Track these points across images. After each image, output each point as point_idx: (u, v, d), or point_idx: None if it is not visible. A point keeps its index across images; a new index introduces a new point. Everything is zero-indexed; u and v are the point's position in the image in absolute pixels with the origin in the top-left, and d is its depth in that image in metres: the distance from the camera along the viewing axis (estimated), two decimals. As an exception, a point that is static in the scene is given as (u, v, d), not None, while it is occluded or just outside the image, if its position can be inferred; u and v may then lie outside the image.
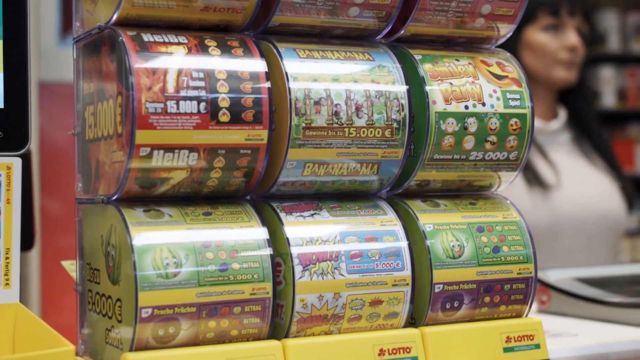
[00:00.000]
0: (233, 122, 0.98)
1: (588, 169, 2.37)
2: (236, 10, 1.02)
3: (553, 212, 2.24)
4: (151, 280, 0.94)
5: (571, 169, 2.34)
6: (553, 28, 2.32)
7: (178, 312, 0.95)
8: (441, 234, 1.10)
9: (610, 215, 2.31)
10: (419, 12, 1.11)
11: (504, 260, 1.12)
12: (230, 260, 0.98)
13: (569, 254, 2.23)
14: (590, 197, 2.29)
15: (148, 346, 0.95)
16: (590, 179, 2.34)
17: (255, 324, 0.99)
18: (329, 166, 1.05)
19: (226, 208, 1.02)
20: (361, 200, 1.10)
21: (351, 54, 1.08)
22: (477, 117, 1.11)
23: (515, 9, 1.15)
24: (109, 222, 1.00)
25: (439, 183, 1.14)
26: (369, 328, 1.06)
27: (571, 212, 2.26)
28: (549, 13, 2.32)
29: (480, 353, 1.09)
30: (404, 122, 1.07)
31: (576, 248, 2.24)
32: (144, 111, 0.94)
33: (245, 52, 1.01)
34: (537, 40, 2.33)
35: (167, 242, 0.96)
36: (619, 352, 1.27)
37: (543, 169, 2.28)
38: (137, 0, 0.98)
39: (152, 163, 0.96)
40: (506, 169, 1.16)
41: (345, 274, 1.03)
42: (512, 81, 1.14)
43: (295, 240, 1.02)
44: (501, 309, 1.13)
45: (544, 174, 2.28)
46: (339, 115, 1.04)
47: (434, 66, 1.11)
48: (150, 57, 0.96)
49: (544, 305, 1.62)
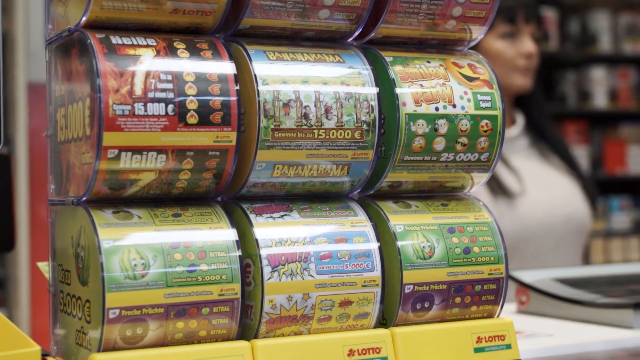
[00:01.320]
0: (201, 124, 0.98)
1: (549, 172, 2.37)
2: (206, 12, 1.03)
3: (519, 219, 2.24)
4: (118, 281, 0.94)
5: (533, 174, 2.34)
6: (509, 35, 2.33)
7: (146, 313, 0.95)
8: (412, 234, 1.10)
9: (576, 216, 2.32)
10: (390, 14, 1.11)
11: (475, 261, 1.13)
12: (198, 262, 0.98)
13: (537, 258, 2.23)
14: (555, 201, 2.29)
15: (116, 347, 0.95)
16: (552, 182, 2.34)
17: (224, 324, 1.00)
18: (298, 168, 1.06)
19: (196, 209, 1.03)
20: (332, 202, 1.11)
21: (321, 56, 1.08)
22: (448, 118, 1.12)
23: (487, 11, 1.16)
24: (78, 224, 1.00)
25: (410, 184, 1.15)
26: (339, 328, 1.06)
27: (537, 217, 2.26)
28: (505, 21, 2.32)
29: (451, 353, 1.10)
30: (373, 123, 1.08)
31: (544, 252, 2.25)
32: (111, 113, 0.94)
33: (214, 55, 1.01)
34: (494, 48, 2.33)
35: (135, 243, 0.97)
36: (592, 352, 1.28)
37: (506, 177, 2.29)
38: (106, 3, 0.99)
39: (120, 165, 0.96)
40: (478, 170, 1.16)
41: (315, 275, 1.04)
42: (483, 83, 1.15)
43: (265, 241, 1.03)
44: (472, 310, 1.14)
45: (508, 182, 2.28)
46: (308, 117, 1.04)
47: (405, 68, 1.12)
48: (118, 59, 0.96)
49: (523, 305, 1.63)
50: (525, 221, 2.24)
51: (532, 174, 2.33)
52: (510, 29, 2.32)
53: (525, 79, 2.35)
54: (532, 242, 2.23)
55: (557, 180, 2.35)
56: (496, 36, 2.33)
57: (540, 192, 2.29)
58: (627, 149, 5.19)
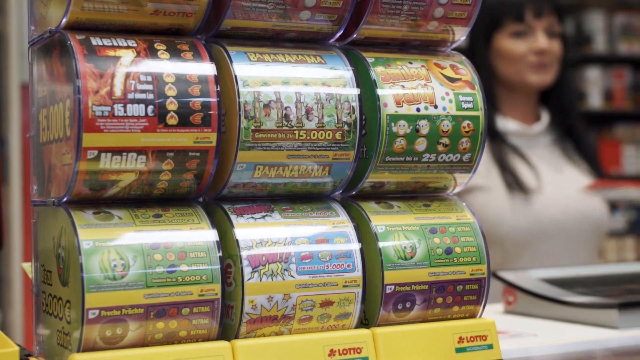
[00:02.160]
0: (181, 125, 0.99)
1: (569, 170, 2.36)
2: (187, 14, 1.03)
3: (534, 216, 2.24)
4: (98, 282, 0.95)
5: (552, 171, 2.33)
6: (521, 34, 2.32)
7: (125, 313, 0.96)
8: (393, 235, 1.11)
9: (592, 216, 2.31)
10: (371, 15, 1.12)
11: (457, 261, 1.13)
12: (178, 262, 0.99)
13: (550, 256, 2.23)
14: (571, 199, 2.28)
15: (96, 347, 0.96)
16: (571, 181, 2.33)
17: (204, 325, 1.00)
18: (279, 168, 1.06)
19: (177, 210, 1.03)
20: (314, 202, 1.11)
21: (303, 57, 1.09)
22: (429, 119, 1.12)
23: (469, 12, 1.16)
24: (59, 225, 1.01)
25: (393, 185, 1.15)
26: (320, 329, 1.07)
27: (552, 215, 2.26)
28: (514, 19, 2.31)
29: (432, 353, 1.10)
30: (354, 124, 1.08)
31: (557, 250, 2.24)
32: (90, 114, 0.95)
33: (194, 56, 1.02)
34: (504, 47, 2.33)
35: (115, 244, 0.97)
36: (574, 353, 1.28)
37: (524, 173, 2.28)
38: (86, 5, 0.99)
39: (100, 166, 0.96)
40: (460, 171, 1.17)
41: (295, 275, 1.04)
42: (465, 84, 1.15)
43: (245, 242, 1.03)
44: (454, 310, 1.14)
45: (525, 178, 2.28)
46: (289, 118, 1.05)
47: (386, 69, 1.12)
48: (98, 60, 0.97)
49: (511, 305, 1.63)
50: (539, 218, 2.24)
51: (551, 172, 2.32)
52: (520, 27, 2.31)
53: (541, 75, 2.33)
54: (545, 239, 2.23)
55: (575, 180, 2.34)
56: (507, 35, 2.32)
57: (557, 190, 2.28)
58: (622, 149, 5.20)
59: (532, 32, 2.32)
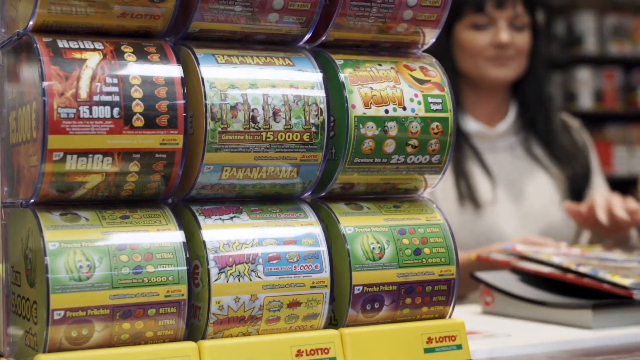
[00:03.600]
0: (147, 126, 0.99)
1: (532, 176, 2.23)
2: (154, 16, 1.04)
3: (483, 231, 2.13)
4: (63, 283, 0.95)
5: (512, 179, 2.21)
6: (481, 26, 2.18)
7: (91, 314, 0.96)
8: (362, 236, 1.11)
9: (554, 227, 2.19)
10: (340, 17, 1.12)
11: (425, 262, 1.14)
12: (145, 263, 0.99)
13: None
14: (530, 213, 2.18)
15: (62, 348, 0.96)
16: (532, 189, 2.21)
17: (171, 325, 1.01)
18: (247, 170, 1.07)
19: (145, 211, 1.04)
20: (283, 204, 1.12)
21: (271, 59, 1.09)
22: (398, 121, 1.13)
23: (438, 14, 1.17)
24: (27, 226, 1.01)
25: (362, 186, 1.16)
26: (288, 329, 1.07)
27: (504, 231, 2.13)
28: (473, 9, 2.17)
29: (401, 354, 1.11)
30: (322, 126, 1.09)
31: None
32: (56, 116, 0.95)
33: (161, 58, 1.02)
34: (463, 39, 2.20)
35: (81, 245, 0.97)
36: (546, 353, 1.29)
37: (480, 183, 2.17)
38: (54, 8, 0.99)
39: (65, 167, 0.97)
40: (429, 172, 1.17)
41: (262, 276, 1.05)
42: (434, 85, 1.16)
43: (212, 243, 1.04)
44: (423, 310, 1.15)
45: (480, 188, 2.16)
46: (256, 119, 1.05)
47: (355, 71, 1.13)
48: (63, 63, 0.97)
49: (489, 306, 1.64)
50: (487, 235, 2.13)
51: (510, 180, 2.21)
52: (480, 19, 2.18)
53: (501, 70, 2.20)
54: None
55: (538, 187, 2.22)
56: (466, 26, 2.20)
57: (512, 205, 2.18)
58: (613, 149, 5.21)
59: (493, 24, 2.19)
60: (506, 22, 2.19)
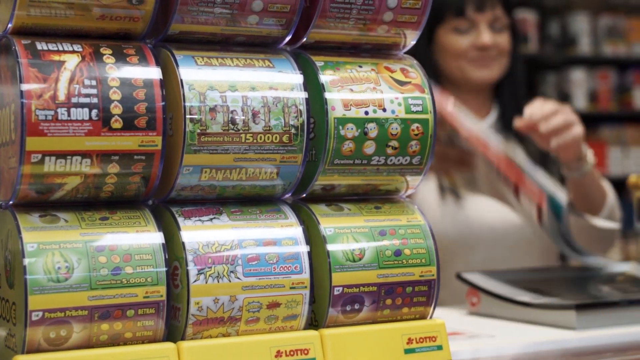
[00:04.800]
0: (126, 128, 1.00)
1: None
2: (134, 18, 1.04)
3: (464, 222, 2.14)
4: (42, 284, 0.96)
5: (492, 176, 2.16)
6: (462, 30, 2.20)
7: (69, 315, 0.97)
8: (342, 237, 1.12)
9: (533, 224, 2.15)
10: (320, 19, 1.13)
11: (406, 263, 1.14)
12: (123, 264, 1.00)
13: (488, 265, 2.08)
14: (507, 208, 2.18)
15: (40, 349, 0.97)
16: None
17: (150, 326, 1.01)
18: (226, 171, 1.07)
19: (124, 213, 1.04)
20: (264, 205, 1.12)
21: (251, 61, 1.10)
22: (378, 122, 1.13)
23: (419, 15, 1.17)
24: (7, 227, 1.02)
25: (344, 187, 1.16)
26: (268, 330, 1.08)
27: (485, 221, 2.15)
28: (455, 14, 2.19)
29: (381, 354, 1.11)
30: (302, 127, 1.09)
31: (497, 260, 2.12)
32: (34, 118, 0.96)
33: (140, 60, 1.03)
34: (445, 42, 2.22)
35: (59, 246, 0.98)
36: (528, 354, 1.29)
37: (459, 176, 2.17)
38: (33, 10, 1.00)
39: (44, 169, 0.97)
40: (410, 173, 1.18)
41: (242, 277, 1.05)
42: (414, 87, 1.16)
43: (191, 244, 1.04)
44: (404, 311, 1.15)
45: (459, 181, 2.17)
46: (235, 121, 1.06)
47: (335, 72, 1.13)
48: (42, 65, 0.98)
49: (475, 307, 1.64)
50: (470, 224, 2.15)
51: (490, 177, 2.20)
52: (461, 23, 2.20)
53: (483, 71, 2.21)
54: (479, 248, 2.13)
55: None
56: (448, 30, 2.21)
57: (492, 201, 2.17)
58: (607, 150, 5.21)
59: (475, 27, 2.20)
60: (486, 24, 2.21)
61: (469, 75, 2.23)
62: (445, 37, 2.22)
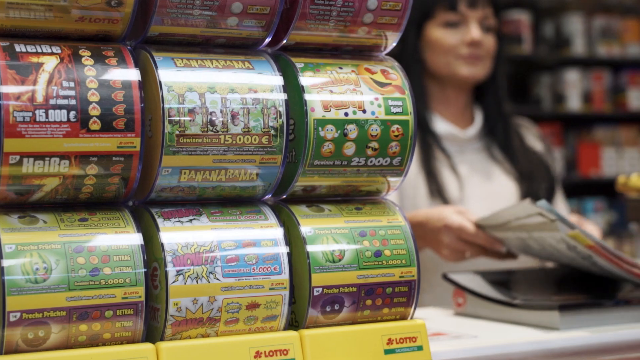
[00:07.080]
0: (104, 130, 1.00)
1: (499, 178, 2.25)
2: (113, 20, 1.05)
3: None
4: (19, 285, 0.96)
5: (480, 182, 2.22)
6: (453, 25, 2.20)
7: (47, 316, 0.97)
8: (321, 238, 1.12)
9: None
10: (300, 20, 1.13)
11: (386, 264, 1.14)
12: (102, 265, 1.00)
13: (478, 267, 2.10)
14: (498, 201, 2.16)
15: (18, 349, 0.97)
16: (496, 193, 2.21)
17: (129, 327, 1.01)
18: (206, 172, 1.07)
19: (104, 214, 1.04)
20: (244, 206, 1.12)
21: (230, 63, 1.10)
22: (357, 123, 1.13)
23: (399, 17, 1.18)
24: (-14, 228, 1.02)
25: (324, 188, 1.17)
26: (248, 331, 1.08)
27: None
28: (446, 8, 2.19)
29: (361, 355, 1.12)
30: (281, 129, 1.10)
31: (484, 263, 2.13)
32: (11, 120, 0.96)
33: (119, 62, 1.03)
34: (434, 37, 2.21)
35: (38, 247, 0.98)
36: (510, 354, 1.30)
37: (449, 182, 2.18)
38: (12, 13, 1.00)
39: (22, 170, 0.98)
40: (391, 174, 1.18)
41: (221, 278, 1.05)
42: (395, 88, 1.17)
43: (170, 245, 1.04)
44: (384, 312, 1.16)
45: (449, 188, 2.17)
46: (214, 122, 1.06)
47: (315, 74, 1.14)
48: (20, 67, 0.98)
49: (460, 307, 1.64)
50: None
51: (478, 182, 2.22)
52: (452, 17, 2.20)
53: (473, 68, 2.22)
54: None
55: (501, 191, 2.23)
56: (438, 25, 2.21)
57: (480, 203, 2.17)
58: (601, 151, 5.22)
59: (465, 23, 2.20)
60: (477, 21, 2.21)
61: (456, 72, 2.23)
62: (435, 32, 2.22)
